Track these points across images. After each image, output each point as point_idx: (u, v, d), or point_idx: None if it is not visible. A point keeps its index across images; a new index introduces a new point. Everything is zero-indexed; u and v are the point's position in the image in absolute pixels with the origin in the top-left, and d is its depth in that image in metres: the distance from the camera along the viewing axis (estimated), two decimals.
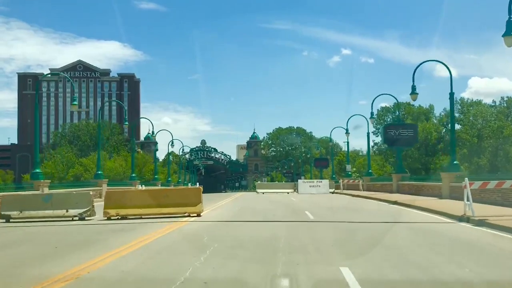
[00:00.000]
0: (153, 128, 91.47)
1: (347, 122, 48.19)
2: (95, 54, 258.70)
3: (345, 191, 43.69)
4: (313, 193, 43.40)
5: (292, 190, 45.50)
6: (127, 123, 52.96)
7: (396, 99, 34.29)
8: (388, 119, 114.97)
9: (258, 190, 45.49)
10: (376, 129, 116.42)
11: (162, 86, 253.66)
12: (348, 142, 53.15)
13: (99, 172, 36.39)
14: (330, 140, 58.08)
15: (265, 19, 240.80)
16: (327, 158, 70.42)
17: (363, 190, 43.76)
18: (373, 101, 37.99)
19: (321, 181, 44.94)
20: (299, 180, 46.63)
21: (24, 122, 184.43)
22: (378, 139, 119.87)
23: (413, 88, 26.47)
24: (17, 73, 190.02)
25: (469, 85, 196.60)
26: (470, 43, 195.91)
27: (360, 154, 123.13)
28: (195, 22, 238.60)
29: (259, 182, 57.46)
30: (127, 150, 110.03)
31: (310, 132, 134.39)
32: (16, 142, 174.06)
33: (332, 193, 44.19)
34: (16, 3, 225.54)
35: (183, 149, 70.20)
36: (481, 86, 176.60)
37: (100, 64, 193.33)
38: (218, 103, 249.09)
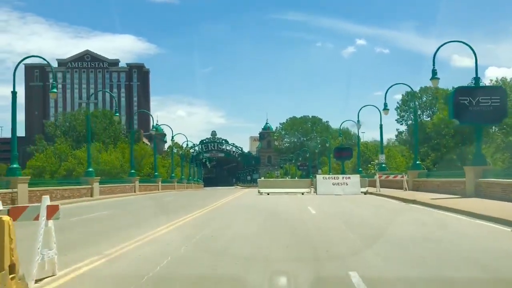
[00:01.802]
0: (117, 108, 78.62)
1: (385, 94, 34.42)
2: (109, 47, 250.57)
3: (382, 191, 29.99)
4: (339, 193, 29.79)
5: (308, 190, 31.72)
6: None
7: (474, 53, 20.12)
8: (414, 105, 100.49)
9: (261, 190, 31.82)
10: (400, 117, 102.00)
11: (176, 79, 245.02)
12: (381, 125, 39.33)
13: (14, 165, 23.10)
14: (358, 122, 43.70)
15: (278, 10, 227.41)
16: (351, 148, 56.42)
17: (408, 190, 30.03)
18: (436, 52, 23.76)
19: (348, 177, 31.14)
20: (317, 176, 32.66)
21: (31, 114, 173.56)
22: (402, 127, 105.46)
23: None
24: (23, 64, 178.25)
25: (486, 75, 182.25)
26: (487, 32, 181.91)
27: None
28: (208, 15, 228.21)
29: (262, 178, 42.44)
30: (127, 142, 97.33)
31: (327, 122, 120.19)
32: (24, 135, 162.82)
33: (365, 193, 30.49)
34: None
35: (172, 138, 56.86)
36: (499, 76, 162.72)
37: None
38: (232, 96, 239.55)
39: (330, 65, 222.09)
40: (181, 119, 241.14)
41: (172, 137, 54.26)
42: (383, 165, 39.38)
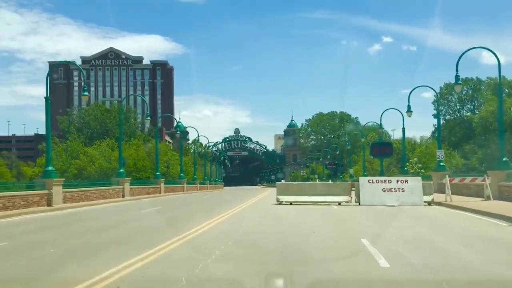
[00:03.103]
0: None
1: (457, 63, 23.70)
2: (137, 47, 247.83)
3: (455, 200, 20.20)
4: (392, 204, 20.08)
5: (347, 198, 21.63)
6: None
7: None
8: (454, 99, 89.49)
9: (281, 198, 22.16)
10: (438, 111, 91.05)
11: (202, 79, 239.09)
12: (438, 113, 29.47)
13: None
14: (408, 108, 33.07)
15: (304, 8, 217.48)
16: (391, 143, 46.23)
17: (492, 199, 20.16)
18: None
19: (405, 181, 21.08)
20: (361, 179, 22.33)
21: (55, 112, 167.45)
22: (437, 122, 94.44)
23: None
24: (48, 61, 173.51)
25: None
26: None
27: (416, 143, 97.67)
28: (233, 14, 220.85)
29: (282, 181, 30.30)
30: (142, 138, 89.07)
31: (356, 118, 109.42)
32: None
33: (429, 204, 20.63)
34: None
35: (177, 130, 47.68)
36: None
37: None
38: (258, 94, 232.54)
39: (355, 63, 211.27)
40: (207, 118, 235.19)
41: (177, 130, 44.51)
42: (442, 164, 29.37)
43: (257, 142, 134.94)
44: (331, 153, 74.07)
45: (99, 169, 69.00)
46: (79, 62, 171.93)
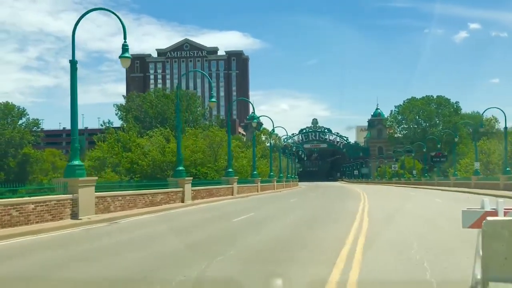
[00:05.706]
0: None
1: None
2: (217, 44, 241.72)
3: None
4: None
5: None
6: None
7: None
8: None
9: None
10: None
11: (280, 73, 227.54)
12: None
13: None
14: None
15: None
16: None
17: None
18: None
19: None
20: None
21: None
22: None
23: None
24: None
25: None
26: None
27: None
28: (311, 6, 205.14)
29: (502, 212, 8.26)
30: (203, 127, 74.38)
31: (457, 103, 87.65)
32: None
33: None
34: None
35: (211, 99, 31.41)
36: None
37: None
38: (337, 87, 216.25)
39: (439, 52, 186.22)
40: (284, 112, 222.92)
41: (211, 99, 27.15)
42: None
43: (337, 133, 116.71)
44: (440, 143, 54.30)
45: (152, 163, 54.80)
46: (154, 55, 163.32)
